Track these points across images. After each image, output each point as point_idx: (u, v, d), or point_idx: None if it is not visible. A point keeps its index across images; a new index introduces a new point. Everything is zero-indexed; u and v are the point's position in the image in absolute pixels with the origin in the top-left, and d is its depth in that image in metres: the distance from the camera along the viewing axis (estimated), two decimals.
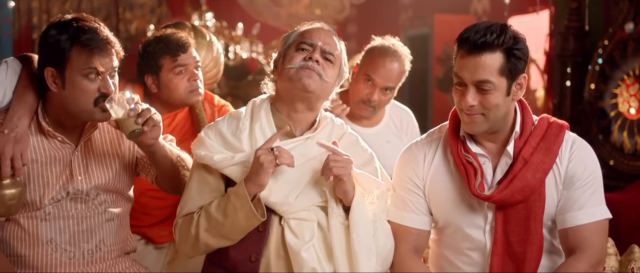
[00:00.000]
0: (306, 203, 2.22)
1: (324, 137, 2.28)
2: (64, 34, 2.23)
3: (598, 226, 2.22)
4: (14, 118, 2.26)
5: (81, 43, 2.22)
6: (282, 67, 2.26)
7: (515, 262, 2.22)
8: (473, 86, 2.15)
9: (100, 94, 2.25)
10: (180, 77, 2.92)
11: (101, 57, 2.24)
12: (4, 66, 2.39)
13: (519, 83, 2.19)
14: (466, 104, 2.16)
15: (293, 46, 2.28)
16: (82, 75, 2.23)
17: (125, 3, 10.32)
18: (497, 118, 2.19)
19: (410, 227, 2.32)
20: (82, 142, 2.36)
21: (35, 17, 10.55)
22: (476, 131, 2.22)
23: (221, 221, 2.17)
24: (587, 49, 5.44)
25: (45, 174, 2.30)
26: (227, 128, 2.29)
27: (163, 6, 10.23)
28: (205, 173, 2.27)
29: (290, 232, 2.19)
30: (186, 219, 2.26)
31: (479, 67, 2.13)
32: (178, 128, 3.05)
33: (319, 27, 2.32)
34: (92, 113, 2.27)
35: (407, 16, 8.19)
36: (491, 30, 2.13)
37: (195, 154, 2.28)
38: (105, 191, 2.40)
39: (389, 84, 3.10)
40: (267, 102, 2.32)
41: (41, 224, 2.31)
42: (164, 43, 2.92)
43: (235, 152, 2.24)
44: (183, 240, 2.26)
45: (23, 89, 2.33)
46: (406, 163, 2.36)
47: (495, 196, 2.18)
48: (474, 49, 2.12)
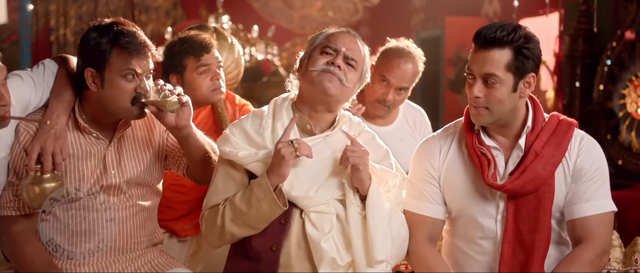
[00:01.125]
0: (325, 197, 2.34)
1: (342, 135, 2.40)
2: (105, 37, 2.35)
3: (604, 218, 2.34)
4: (53, 115, 2.38)
5: (121, 46, 2.34)
6: (306, 69, 2.37)
7: (524, 250, 2.33)
8: (480, 79, 2.28)
9: (136, 94, 2.37)
10: (203, 76, 3.04)
11: (139, 59, 2.36)
12: (41, 67, 2.51)
13: (528, 81, 2.30)
14: (472, 94, 2.29)
15: (318, 48, 2.39)
16: (120, 75, 2.35)
17: (140, 6, 10.43)
18: (501, 112, 2.30)
19: (426, 216, 2.44)
20: (115, 138, 2.48)
21: (53, 20, 10.71)
22: (482, 123, 2.34)
23: (245, 211, 2.29)
24: (596, 51, 5.48)
25: (81, 168, 2.43)
26: (250, 126, 2.40)
27: (178, 9, 10.33)
28: (230, 168, 2.39)
29: (311, 224, 2.31)
30: (212, 211, 2.38)
31: (487, 61, 2.26)
32: (200, 126, 3.15)
33: (345, 32, 2.43)
34: (129, 111, 2.39)
35: (419, 19, 8.22)
36: (503, 28, 2.26)
37: (221, 151, 2.39)
38: (136, 184, 2.53)
39: (403, 84, 3.21)
40: (288, 101, 2.44)
41: (76, 215, 2.43)
42: (188, 44, 3.03)
43: (259, 149, 2.36)
44: (210, 230, 2.38)
45: (60, 89, 2.46)
46: (423, 155, 2.49)
47: (507, 186, 2.30)
48: (484, 44, 2.26)
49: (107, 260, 2.47)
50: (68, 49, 10.58)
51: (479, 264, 2.43)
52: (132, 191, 2.52)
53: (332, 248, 2.31)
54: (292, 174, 2.30)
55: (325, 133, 2.40)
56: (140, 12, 10.45)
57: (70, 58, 2.55)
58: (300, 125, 2.40)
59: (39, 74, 2.48)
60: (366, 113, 3.28)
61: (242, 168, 2.38)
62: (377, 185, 2.35)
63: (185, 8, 10.33)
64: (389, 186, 2.39)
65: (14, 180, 2.39)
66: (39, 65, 2.52)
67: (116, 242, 2.48)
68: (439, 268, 2.39)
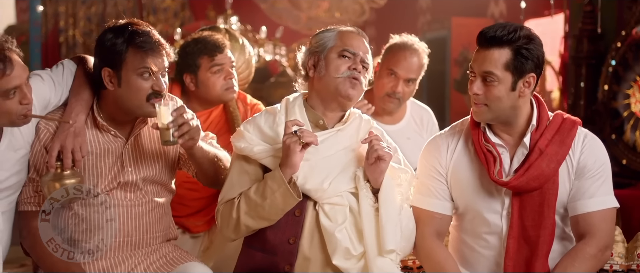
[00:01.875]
0: (339, 189, 2.41)
1: (353, 129, 2.50)
2: (120, 37, 2.43)
3: (606, 214, 2.41)
4: (72, 114, 2.46)
5: (136, 45, 2.42)
6: (327, 73, 2.43)
7: (529, 245, 2.40)
8: (480, 77, 2.36)
9: (152, 92, 2.45)
10: (217, 76, 3.11)
11: (154, 57, 2.44)
12: (60, 67, 2.59)
13: (527, 81, 2.36)
14: (471, 91, 2.37)
15: (334, 51, 2.45)
16: (136, 74, 2.43)
17: (149, 7, 10.48)
18: (500, 109, 2.37)
19: (434, 212, 2.51)
20: (132, 137, 2.56)
21: (62, 21, 10.80)
22: (481, 119, 2.41)
23: (260, 203, 2.36)
24: (601, 52, 5.51)
25: (99, 165, 2.51)
26: (264, 122, 2.48)
27: (186, 10, 10.37)
28: (245, 164, 2.47)
29: (325, 216, 2.39)
30: (227, 204, 2.45)
31: (486, 60, 2.33)
32: (213, 124, 3.24)
33: (358, 34, 2.51)
34: (145, 108, 2.46)
35: (425, 19, 8.26)
36: (505, 28, 2.33)
37: (236, 147, 2.47)
38: (151, 182, 2.60)
39: (411, 75, 3.29)
40: (300, 99, 2.52)
41: (93, 211, 2.51)
42: (202, 44, 3.11)
43: (273, 144, 2.43)
44: (225, 224, 2.45)
45: (79, 88, 2.54)
46: (430, 152, 2.56)
47: (513, 182, 2.37)
48: (485, 43, 2.33)
49: (124, 254, 2.55)
50: (77, 50, 10.66)
51: (485, 258, 2.50)
52: (147, 188, 2.59)
53: (345, 239, 2.38)
54: (306, 167, 2.38)
55: (336, 127, 2.49)
56: (148, 13, 10.50)
57: (88, 58, 2.62)
58: (313, 121, 2.48)
59: (58, 74, 2.56)
60: (375, 111, 3.36)
61: (256, 162, 2.46)
62: (390, 179, 2.43)
63: (193, 9, 10.38)
64: (401, 180, 2.47)
65: (34, 176, 2.47)
66: (59, 65, 2.60)
67: (132, 236, 2.55)
68: (446, 262, 2.46)
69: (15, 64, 2.28)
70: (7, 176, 2.42)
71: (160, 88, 2.45)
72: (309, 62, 2.50)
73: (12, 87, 2.27)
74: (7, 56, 2.26)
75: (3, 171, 2.41)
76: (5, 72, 2.25)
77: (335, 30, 2.51)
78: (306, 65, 2.51)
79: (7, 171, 2.42)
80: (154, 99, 2.44)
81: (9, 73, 2.25)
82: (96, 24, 10.87)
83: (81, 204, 2.49)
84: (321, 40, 2.50)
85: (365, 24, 9.14)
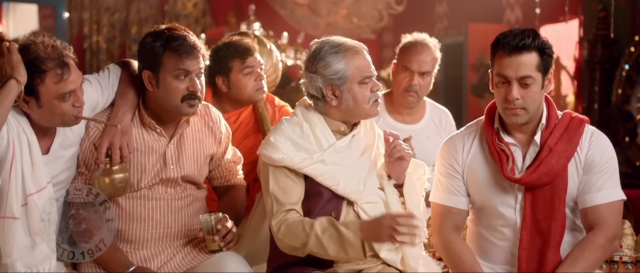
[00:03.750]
0: (372, 188, 2.60)
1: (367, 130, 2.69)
2: (158, 41, 2.61)
3: (614, 206, 2.57)
4: (119, 113, 2.66)
5: (172, 48, 2.60)
6: (356, 104, 2.55)
7: (541, 236, 2.57)
8: (516, 82, 2.51)
9: (187, 93, 2.63)
10: (248, 77, 3.29)
11: (189, 60, 2.61)
12: (106, 71, 2.79)
13: (549, 78, 2.55)
14: (512, 97, 2.50)
15: (354, 82, 2.54)
16: (172, 76, 2.61)
17: (171, 14, 10.66)
18: (535, 109, 2.54)
19: (452, 207, 2.69)
20: (175, 136, 2.74)
21: (86, 27, 11.05)
22: (519, 122, 2.56)
23: (332, 251, 2.47)
24: (615, 56, 5.60)
25: (143, 161, 2.70)
26: (293, 133, 2.60)
27: (207, 16, 10.53)
28: (285, 174, 2.56)
29: (365, 214, 2.56)
30: (298, 228, 2.49)
31: (520, 65, 2.49)
32: (242, 125, 3.42)
33: (363, 52, 2.60)
34: (181, 108, 2.65)
35: (443, 25, 8.34)
36: (526, 34, 2.50)
37: (271, 159, 2.55)
38: (190, 181, 2.79)
39: (424, 68, 3.47)
40: (312, 109, 2.65)
41: (136, 203, 2.71)
42: (234, 48, 3.29)
43: (307, 153, 2.57)
44: (289, 240, 2.52)
45: (124, 89, 2.73)
46: (448, 151, 2.74)
47: (525, 178, 2.54)
48: (514, 51, 2.49)
49: (163, 244, 2.74)
50: (100, 56, 10.90)
51: (500, 249, 2.67)
52: (186, 185, 2.78)
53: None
54: (344, 172, 2.55)
55: (351, 132, 2.66)
56: (170, 19, 10.67)
57: (132, 62, 2.82)
58: (333, 129, 2.63)
59: (104, 78, 2.76)
60: (394, 110, 3.55)
61: (294, 171, 2.56)
62: (411, 174, 2.62)
63: (214, 16, 10.53)
64: (419, 174, 2.66)
65: (83, 170, 2.68)
66: (105, 69, 2.81)
67: (172, 228, 2.74)
68: (464, 253, 2.64)
69: (72, 70, 2.49)
70: (59, 172, 2.63)
71: (195, 89, 2.63)
72: (327, 92, 2.56)
73: (69, 91, 2.47)
74: (66, 62, 2.48)
75: (56, 167, 2.61)
76: (63, 77, 2.45)
77: (341, 57, 2.55)
78: (324, 93, 2.56)
79: (60, 167, 2.63)
80: (189, 100, 2.62)
81: (66, 78, 2.46)
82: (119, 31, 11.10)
83: (124, 197, 2.68)
84: (333, 72, 2.54)
85: (383, 30, 9.21)
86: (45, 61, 2.45)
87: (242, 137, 3.39)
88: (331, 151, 2.57)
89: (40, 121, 2.53)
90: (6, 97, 2.39)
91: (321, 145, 2.59)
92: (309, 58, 2.61)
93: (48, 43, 2.49)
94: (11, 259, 2.49)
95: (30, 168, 2.52)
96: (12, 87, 2.40)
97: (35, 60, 2.45)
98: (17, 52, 2.45)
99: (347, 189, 2.56)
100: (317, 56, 2.58)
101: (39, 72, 2.44)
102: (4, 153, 2.47)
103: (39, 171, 2.54)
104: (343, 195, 2.56)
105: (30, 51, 2.46)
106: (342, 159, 2.57)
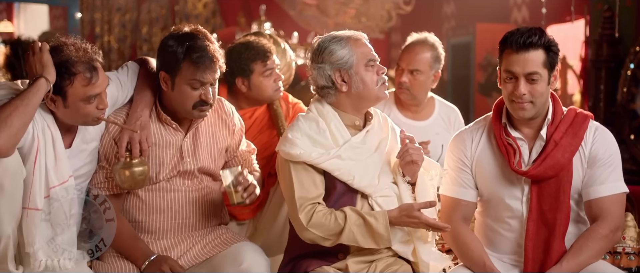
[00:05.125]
0: (386, 181, 2.71)
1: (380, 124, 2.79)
2: (180, 47, 2.68)
3: (616, 198, 2.65)
4: (138, 109, 2.76)
5: (192, 59, 2.67)
6: (364, 86, 2.66)
7: (547, 227, 2.66)
8: (523, 78, 2.61)
9: (199, 100, 2.71)
10: (268, 79, 3.36)
11: (205, 73, 2.69)
12: (125, 68, 2.90)
13: (554, 74, 2.65)
14: (520, 93, 2.60)
15: (360, 65, 2.67)
16: (187, 84, 2.70)
17: (181, 14, 10.74)
18: (541, 103, 2.64)
19: (461, 199, 2.78)
20: (191, 130, 2.85)
21: (98, 27, 11.14)
22: (526, 117, 2.65)
23: (363, 242, 2.61)
24: (620, 56, 5.66)
25: (161, 155, 2.80)
26: (309, 129, 2.68)
27: (217, 17, 10.60)
28: (305, 169, 2.64)
29: (379, 207, 2.66)
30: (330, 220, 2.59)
31: (528, 62, 2.59)
32: (257, 121, 3.50)
33: (364, 39, 2.73)
34: (191, 113, 2.76)
35: (450, 25, 8.40)
36: (533, 32, 2.60)
37: (290, 154, 2.63)
38: (206, 172, 2.89)
39: (412, 66, 3.58)
40: (327, 105, 2.74)
41: (156, 195, 2.82)
42: (255, 50, 3.35)
43: (323, 148, 2.66)
44: (323, 230, 2.61)
45: (143, 86, 2.84)
46: (457, 145, 2.83)
47: (531, 171, 2.63)
48: (522, 48, 2.59)
49: (183, 234, 2.84)
50: (112, 56, 11.00)
51: (507, 240, 2.76)
52: (203, 176, 2.88)
53: (401, 228, 2.68)
54: (360, 167, 2.65)
55: (366, 128, 2.75)
56: (181, 20, 10.76)
57: (149, 60, 2.93)
58: (348, 123, 2.73)
59: (123, 75, 2.86)
60: (403, 105, 3.67)
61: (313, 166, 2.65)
62: (423, 174, 2.74)
63: (224, 16, 10.59)
64: (432, 175, 2.78)
65: (104, 164, 2.78)
66: (124, 67, 2.91)
67: (190, 219, 2.85)
68: (472, 244, 2.73)
69: (100, 74, 2.59)
70: (81, 165, 2.73)
71: (207, 98, 2.72)
72: (336, 78, 2.67)
73: (95, 94, 2.58)
74: (95, 66, 2.58)
75: (78, 161, 2.72)
76: (91, 80, 2.56)
77: (344, 44, 2.67)
78: (334, 80, 2.67)
79: (81, 161, 2.74)
80: (200, 107, 2.71)
81: (94, 82, 2.56)
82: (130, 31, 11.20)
83: (144, 189, 2.79)
84: (339, 58, 2.66)
85: (391, 30, 9.26)
86: (75, 64, 2.55)
87: (257, 133, 3.48)
88: (347, 147, 2.66)
89: (64, 119, 2.63)
90: (35, 94, 2.49)
91: (337, 141, 2.68)
92: (314, 52, 2.72)
93: (79, 46, 2.59)
94: (33, 248, 2.59)
95: (53, 161, 2.62)
96: (41, 85, 2.50)
97: (67, 62, 2.55)
98: (48, 52, 2.55)
99: (362, 183, 2.66)
100: (322, 47, 2.70)
101: (69, 74, 2.55)
102: (28, 147, 2.57)
103: (62, 165, 2.64)
104: (358, 188, 2.66)
105: (62, 52, 2.57)
106: (357, 154, 2.66)
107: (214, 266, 2.78)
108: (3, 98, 2.55)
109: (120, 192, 2.79)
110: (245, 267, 2.71)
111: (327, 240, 2.61)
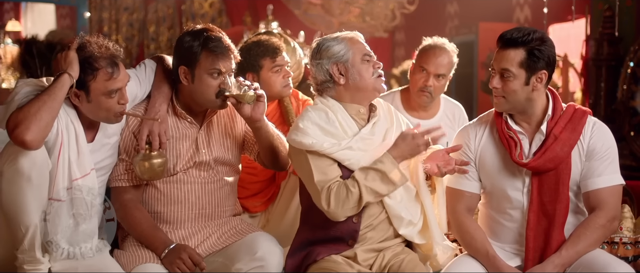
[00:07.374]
0: None
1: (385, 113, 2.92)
2: (196, 40, 2.83)
3: (613, 190, 2.77)
4: (156, 104, 2.90)
5: (209, 49, 2.82)
6: (361, 78, 2.80)
7: (547, 217, 2.77)
8: (498, 73, 2.75)
9: (220, 89, 2.85)
10: (277, 75, 3.48)
11: (224, 60, 2.84)
12: (142, 66, 3.03)
13: (539, 77, 2.74)
14: (492, 85, 2.77)
15: (357, 58, 2.81)
16: (207, 73, 2.84)
17: (187, 13, 10.86)
18: (516, 101, 2.76)
19: (465, 191, 2.91)
20: (205, 123, 2.98)
21: (106, 26, 11.30)
22: (500, 109, 2.80)
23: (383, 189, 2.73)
24: (620, 54, 5.77)
25: (178, 147, 2.93)
26: (319, 118, 2.80)
27: (223, 16, 10.71)
28: (319, 157, 2.75)
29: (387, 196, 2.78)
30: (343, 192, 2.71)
31: (503, 59, 2.74)
32: (268, 117, 3.52)
33: (360, 37, 2.89)
34: (214, 102, 2.88)
35: (454, 24, 8.52)
36: (521, 31, 2.72)
37: (301, 144, 2.74)
38: (221, 163, 3.01)
39: (440, 71, 3.68)
40: (331, 99, 2.87)
41: (173, 187, 2.95)
42: (264, 47, 3.47)
43: (334, 137, 2.77)
44: (342, 204, 2.71)
45: (160, 82, 2.97)
46: (461, 139, 2.95)
47: (532, 163, 2.75)
48: (503, 45, 2.74)
49: (199, 224, 2.97)
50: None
51: (509, 230, 2.88)
52: (218, 168, 3.01)
53: (407, 214, 2.82)
54: (369, 157, 2.77)
55: (372, 120, 2.87)
56: (187, 19, 10.90)
57: (165, 57, 3.06)
58: (352, 113, 2.85)
59: (141, 72, 3.00)
60: (411, 106, 3.76)
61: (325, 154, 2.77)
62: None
63: (230, 15, 10.71)
64: None
65: (124, 157, 2.91)
66: (141, 64, 3.04)
67: (206, 209, 2.97)
68: (476, 233, 2.86)
69: (121, 70, 2.73)
70: (102, 159, 2.87)
71: (226, 86, 2.85)
72: (334, 71, 2.80)
73: (116, 88, 2.72)
74: (116, 62, 2.72)
75: (99, 154, 2.85)
76: (112, 75, 2.69)
77: (340, 41, 2.84)
78: (332, 73, 2.81)
79: (103, 154, 2.87)
80: (222, 94, 2.84)
81: (115, 77, 2.70)
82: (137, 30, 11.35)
83: (162, 181, 2.92)
84: (336, 52, 2.81)
85: (395, 29, 9.33)
86: (98, 60, 2.70)
87: None
88: (358, 139, 2.78)
89: (87, 113, 2.76)
90: (60, 89, 2.62)
91: (345, 130, 2.80)
92: (313, 51, 2.88)
93: (102, 44, 2.74)
94: (56, 237, 2.72)
95: (76, 155, 2.75)
96: (66, 81, 2.64)
97: (90, 58, 2.69)
98: (75, 50, 2.68)
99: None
100: (320, 46, 2.86)
101: (92, 70, 2.69)
102: (53, 140, 2.70)
103: (84, 158, 2.77)
104: None
105: (86, 49, 2.71)
106: (367, 145, 2.79)
107: (230, 254, 2.89)
108: (30, 94, 2.67)
109: (139, 183, 2.92)
110: (259, 256, 2.81)
111: (354, 208, 2.73)
